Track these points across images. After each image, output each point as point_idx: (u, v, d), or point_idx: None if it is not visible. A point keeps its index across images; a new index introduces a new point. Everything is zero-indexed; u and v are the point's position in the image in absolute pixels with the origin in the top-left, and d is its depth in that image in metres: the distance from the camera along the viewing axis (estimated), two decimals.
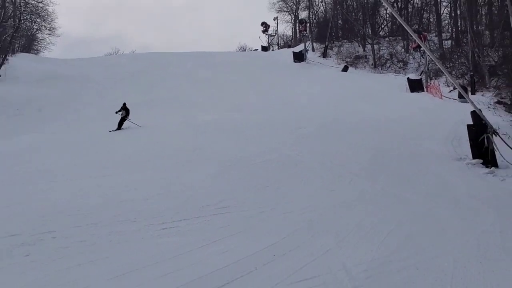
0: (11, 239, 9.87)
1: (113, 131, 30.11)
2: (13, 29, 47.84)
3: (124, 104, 32.35)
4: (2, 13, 47.43)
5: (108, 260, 8.76)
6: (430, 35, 58.94)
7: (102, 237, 10.11)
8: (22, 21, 53.42)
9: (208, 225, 11.14)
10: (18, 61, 45.66)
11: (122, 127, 31.06)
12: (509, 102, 33.96)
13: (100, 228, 10.71)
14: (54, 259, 8.80)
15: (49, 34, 61.16)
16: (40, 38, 61.56)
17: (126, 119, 31.77)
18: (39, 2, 56.32)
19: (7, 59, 43.81)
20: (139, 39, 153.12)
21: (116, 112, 31.92)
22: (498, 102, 35.28)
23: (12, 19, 50.30)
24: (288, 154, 19.53)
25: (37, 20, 58.58)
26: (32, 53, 57.65)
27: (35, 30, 59.93)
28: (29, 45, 59.54)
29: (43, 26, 59.98)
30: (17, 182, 16.27)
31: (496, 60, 42.48)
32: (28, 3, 55.34)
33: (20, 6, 53.62)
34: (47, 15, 58.71)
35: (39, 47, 61.72)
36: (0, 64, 42.35)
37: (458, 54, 51.44)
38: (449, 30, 61.43)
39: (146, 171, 17.37)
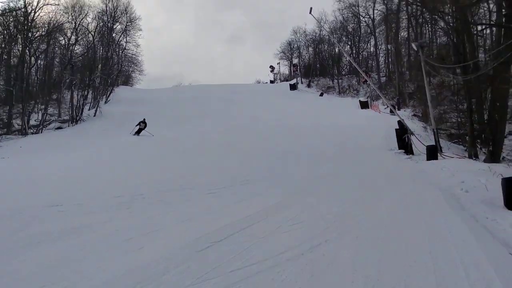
0: (118, 199, 10.01)
1: (133, 134, 28.51)
2: (117, 71, 48.35)
3: (144, 119, 29.76)
4: (111, 62, 47.94)
5: (177, 211, 8.86)
6: (373, 74, 58.79)
7: (173, 198, 10.21)
8: (122, 66, 54.07)
9: (236, 190, 11.23)
10: (120, 90, 45.96)
11: (139, 135, 28.60)
12: (420, 115, 33.98)
13: (172, 192, 10.81)
14: (144, 211, 8.92)
15: (139, 73, 62.31)
16: (134, 76, 62.26)
17: (142, 129, 29.08)
18: (133, 55, 57.35)
19: (113, 90, 44.15)
20: (192, 76, 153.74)
21: (137, 125, 29.31)
22: (414, 115, 35.34)
23: (116, 65, 50.73)
24: (286, 147, 19.59)
25: (132, 65, 59.38)
26: (128, 85, 58.02)
27: (130, 71, 60.55)
28: (127, 80, 59.95)
29: (135, 69, 60.93)
30: (122, 165, 16.43)
31: (412, 89, 42.52)
32: (127, 55, 56.18)
33: (122, 56, 54.48)
34: (138, 62, 59.73)
35: (133, 82, 62.24)
36: (110, 93, 42.75)
37: (390, 85, 51.74)
38: (384, 71, 61.30)
39: (199, 158, 17.50)
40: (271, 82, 72.81)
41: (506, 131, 23.48)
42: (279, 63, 75.35)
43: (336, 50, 65.68)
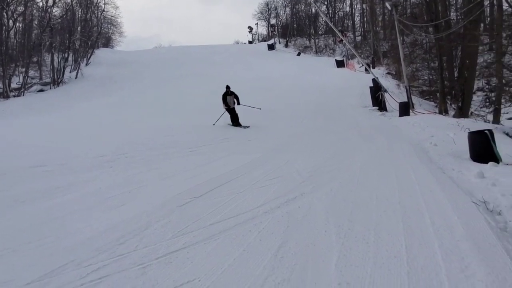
0: (101, 158, 9.94)
1: (232, 125, 15.61)
2: (97, 33, 46.98)
3: (227, 86, 16.68)
4: (90, 24, 46.55)
5: (159, 169, 8.85)
6: (349, 34, 58.34)
7: (155, 156, 10.18)
8: (102, 28, 52.61)
9: (216, 148, 11.24)
10: (100, 53, 44.79)
11: (237, 124, 15.48)
12: (394, 73, 34.08)
13: (153, 151, 10.77)
14: (126, 169, 8.88)
15: (119, 35, 61.11)
16: (114, 38, 60.88)
17: (232, 109, 15.89)
18: (112, 16, 55.96)
19: (94, 52, 43.04)
20: (170, 37, 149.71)
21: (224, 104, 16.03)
22: (388, 73, 35.42)
23: (96, 27, 49.30)
24: (265, 106, 19.50)
25: (111, 27, 58.02)
26: (109, 47, 56.63)
27: (110, 33, 59.09)
28: (107, 42, 58.46)
29: (115, 31, 59.64)
30: (105, 126, 16.23)
31: (386, 48, 42.43)
32: (106, 17, 54.72)
33: (101, 18, 52.95)
34: (117, 23, 58.49)
35: (113, 44, 60.81)
36: (90, 55, 41.70)
37: (365, 44, 51.49)
38: (360, 30, 60.91)
39: (180, 117, 17.35)
40: (250, 42, 71.71)
41: (475, 87, 23.79)
42: (257, 23, 74.14)
43: (313, 10, 64.86)
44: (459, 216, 5.08)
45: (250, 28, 72.86)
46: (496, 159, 8.33)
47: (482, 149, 8.60)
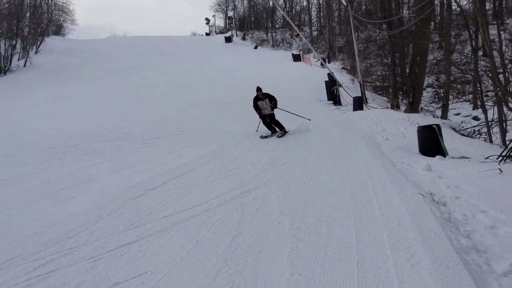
0: (51, 150, 9.63)
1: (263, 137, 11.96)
2: (47, 20, 45.19)
3: (258, 88, 12.69)
4: (40, 10, 44.68)
5: (112, 161, 8.68)
6: (305, 28, 58.94)
7: (107, 148, 9.97)
8: (53, 15, 50.74)
9: (171, 140, 11.11)
10: (51, 41, 43.07)
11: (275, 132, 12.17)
12: (349, 68, 34.71)
13: (107, 143, 10.54)
14: (78, 161, 8.66)
15: (71, 23, 59.10)
16: (65, 26, 58.80)
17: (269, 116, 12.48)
18: (64, 3, 54.07)
19: (44, 40, 41.39)
20: (123, 26, 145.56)
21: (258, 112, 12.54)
22: (343, 68, 36.02)
23: (46, 13, 47.40)
24: (222, 99, 19.42)
25: (63, 14, 56.04)
26: (60, 35, 54.61)
27: (61, 21, 57.04)
28: (58, 30, 56.29)
29: (66, 19, 57.65)
30: (55, 117, 15.67)
31: (342, 43, 43.15)
32: (57, 4, 52.79)
33: (51, 5, 51.02)
34: (69, 11, 56.61)
35: (65, 32, 58.70)
36: (40, 43, 40.08)
37: (321, 39, 52.18)
38: (316, 25, 61.67)
39: (136, 109, 17.01)
40: (207, 34, 71.04)
41: (425, 84, 24.62)
42: (214, 15, 73.59)
43: (270, 3, 65.00)
44: (407, 207, 5.26)
45: (207, 20, 72.28)
46: (443, 153, 8.66)
47: (430, 143, 8.92)
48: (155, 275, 3.74)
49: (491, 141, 14.06)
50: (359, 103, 18.16)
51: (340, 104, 19.62)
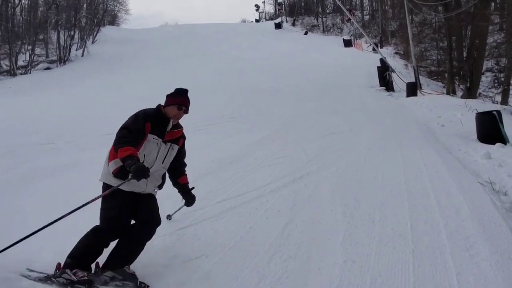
0: (107, 136, 9.99)
1: None
2: (103, 11, 46.74)
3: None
4: (96, 1, 46.22)
5: None
6: (357, 12, 57.63)
7: None
8: (108, 5, 52.38)
9: (223, 127, 11.25)
10: (106, 31, 44.48)
11: None
12: (402, 53, 33.73)
13: None
14: None
15: (125, 13, 60.73)
16: (119, 16, 60.51)
17: None
18: None
19: (100, 30, 42.83)
20: (173, 14, 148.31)
21: None
22: (396, 53, 35.05)
23: (102, 4, 48.98)
24: (272, 85, 19.38)
25: (117, 4, 57.63)
26: (115, 25, 56.28)
27: (116, 11, 58.71)
28: (113, 20, 58.04)
29: (121, 8, 59.25)
30: (111, 104, 16.17)
31: (395, 27, 41.92)
32: None
33: None
34: (123, 1, 58.20)
35: (119, 22, 60.41)
36: (96, 33, 41.53)
37: (373, 24, 50.90)
38: (368, 9, 60.12)
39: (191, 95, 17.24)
40: (256, 21, 70.90)
41: (484, 68, 23.52)
42: (264, 1, 73.29)
43: None
44: (464, 196, 5.10)
45: (257, 6, 72.07)
46: (503, 140, 8.31)
47: (490, 130, 8.58)
48: (210, 259, 3.83)
49: None
50: (412, 89, 17.63)
51: (393, 90, 19.12)
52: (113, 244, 3.44)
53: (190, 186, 4.24)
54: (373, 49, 30.96)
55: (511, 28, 19.24)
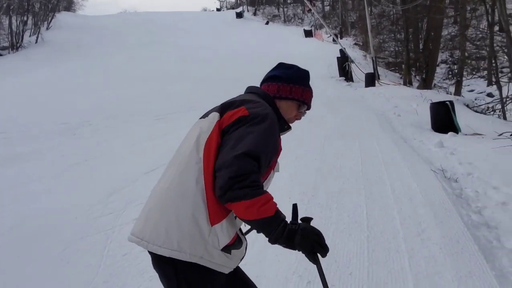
0: (64, 125, 9.74)
1: None
2: None
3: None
4: None
5: (124, 136, 8.76)
6: (317, 3, 58.08)
7: (121, 124, 10.05)
8: None
9: (183, 116, 11.12)
10: (62, 17, 42.97)
11: None
12: (361, 44, 34.29)
13: (120, 118, 10.61)
14: (91, 137, 8.75)
15: None
16: (75, 1, 58.69)
17: None
18: None
19: (55, 15, 41.36)
20: (130, 2, 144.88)
21: None
22: (355, 44, 35.60)
23: None
24: (233, 75, 19.29)
25: None
26: (71, 11, 54.51)
27: None
28: (69, 6, 56.19)
29: None
30: (68, 93, 15.73)
31: (354, 19, 42.54)
32: None
33: None
34: None
35: (75, 8, 58.58)
36: (51, 19, 40.07)
37: (333, 14, 51.50)
38: (328, 0, 60.72)
39: (148, 85, 16.97)
40: (218, 10, 70.40)
41: (438, 60, 24.26)
42: None
43: None
44: (418, 184, 5.26)
45: None
46: (455, 129, 8.62)
47: (443, 119, 8.88)
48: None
49: (505, 118, 13.89)
50: (371, 79, 17.98)
51: (352, 81, 19.45)
52: None
53: None
54: (333, 40, 31.34)
55: (464, 21, 19.90)
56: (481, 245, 3.65)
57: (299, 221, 1.76)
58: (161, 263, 1.66)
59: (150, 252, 1.66)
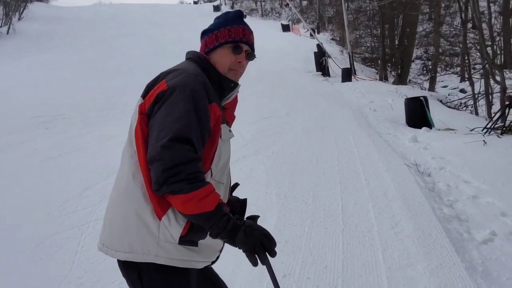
0: (36, 119, 9.54)
1: None
2: None
3: None
4: None
5: (99, 131, 8.63)
6: None
7: (95, 118, 9.89)
8: None
9: None
10: (34, 7, 42.00)
11: None
12: (338, 39, 34.50)
13: (94, 113, 10.43)
14: (64, 131, 8.60)
15: None
16: None
17: None
18: None
19: (27, 6, 40.40)
20: None
21: None
22: (332, 39, 35.80)
23: None
24: None
25: None
26: (44, 2, 53.26)
27: None
28: None
29: None
30: (40, 86, 15.38)
31: (332, 14, 42.78)
32: None
33: None
34: None
35: None
36: (23, 9, 39.13)
37: (310, 9, 51.67)
38: None
39: (122, 78, 16.73)
40: (195, 3, 69.70)
41: (413, 56, 24.64)
42: None
43: None
44: (392, 178, 5.36)
45: None
46: (429, 124, 8.78)
47: (417, 115, 9.04)
48: None
49: (477, 114, 14.22)
50: (347, 75, 18.13)
51: (329, 75, 19.58)
52: None
53: None
54: (311, 35, 31.44)
55: (438, 18, 20.24)
56: (452, 238, 3.74)
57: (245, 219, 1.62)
58: (124, 268, 1.59)
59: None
